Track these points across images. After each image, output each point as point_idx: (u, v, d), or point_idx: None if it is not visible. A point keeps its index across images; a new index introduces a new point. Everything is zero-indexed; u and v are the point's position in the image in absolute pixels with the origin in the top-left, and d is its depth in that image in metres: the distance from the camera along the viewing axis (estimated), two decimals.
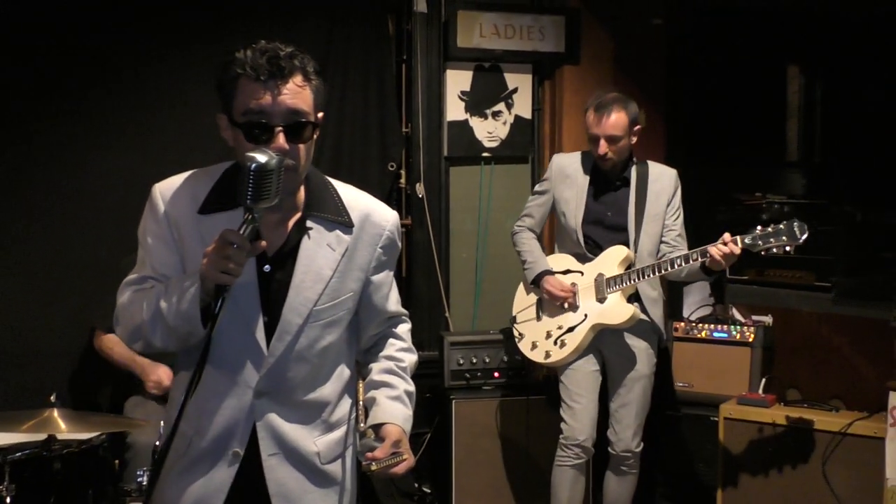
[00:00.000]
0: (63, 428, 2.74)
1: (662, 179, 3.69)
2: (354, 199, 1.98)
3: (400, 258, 4.56)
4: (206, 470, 1.90)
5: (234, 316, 1.84)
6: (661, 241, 3.65)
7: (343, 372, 2.02)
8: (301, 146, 1.80)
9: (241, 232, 1.69)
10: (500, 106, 4.60)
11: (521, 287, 3.91)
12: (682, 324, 4.17)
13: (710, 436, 3.85)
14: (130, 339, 1.90)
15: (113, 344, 3.59)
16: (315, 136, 1.86)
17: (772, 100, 5.36)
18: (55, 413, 2.79)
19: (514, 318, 3.89)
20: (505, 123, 4.59)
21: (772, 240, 3.24)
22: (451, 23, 4.42)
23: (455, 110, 4.55)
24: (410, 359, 2.11)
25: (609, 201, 3.69)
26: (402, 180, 4.50)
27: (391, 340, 2.11)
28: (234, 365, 1.89)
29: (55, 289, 3.89)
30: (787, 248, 3.23)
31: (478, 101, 4.58)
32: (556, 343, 3.68)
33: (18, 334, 3.83)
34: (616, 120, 3.56)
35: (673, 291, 4.64)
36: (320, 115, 1.87)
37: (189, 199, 1.88)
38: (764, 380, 3.86)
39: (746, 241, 3.27)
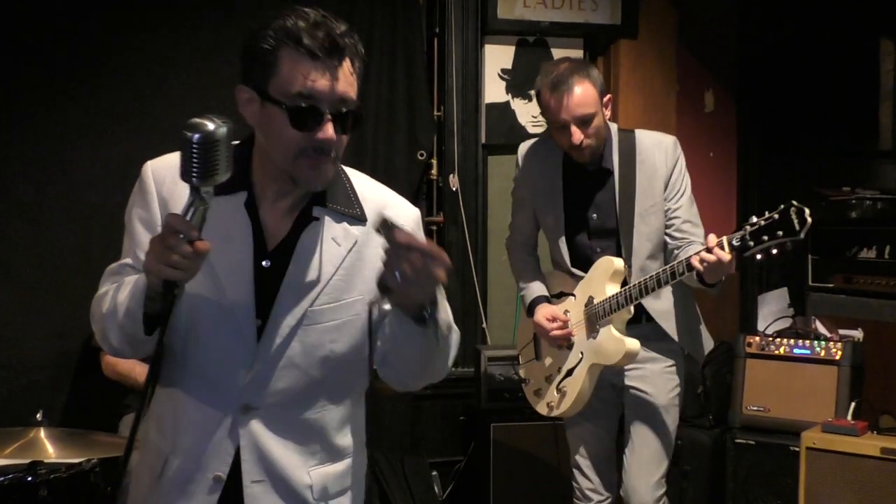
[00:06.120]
0: (50, 451, 2.67)
1: (654, 154, 3.11)
2: (370, 190, 1.89)
3: None
4: (184, 496, 1.78)
5: (221, 316, 1.75)
6: (666, 234, 3.11)
7: (360, 397, 1.91)
8: (344, 137, 1.75)
9: (188, 217, 1.55)
10: None
11: (521, 314, 3.44)
12: (757, 338, 3.92)
13: (789, 468, 3.64)
14: (100, 339, 1.82)
15: (133, 364, 3.47)
16: None
17: (862, 80, 5.12)
18: (41, 433, 2.74)
19: (518, 357, 3.46)
20: None
21: (765, 237, 2.69)
22: None
23: (494, 91, 4.46)
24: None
25: (589, 199, 3.15)
26: (434, 171, 4.44)
27: None
28: (217, 372, 1.78)
29: (42, 293, 3.86)
30: (788, 246, 2.72)
31: (520, 81, 4.45)
32: (557, 391, 3.20)
33: (1, 344, 3.80)
34: (583, 94, 2.97)
35: (746, 301, 4.59)
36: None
37: None
38: (853, 404, 3.66)
39: (734, 242, 2.73)
